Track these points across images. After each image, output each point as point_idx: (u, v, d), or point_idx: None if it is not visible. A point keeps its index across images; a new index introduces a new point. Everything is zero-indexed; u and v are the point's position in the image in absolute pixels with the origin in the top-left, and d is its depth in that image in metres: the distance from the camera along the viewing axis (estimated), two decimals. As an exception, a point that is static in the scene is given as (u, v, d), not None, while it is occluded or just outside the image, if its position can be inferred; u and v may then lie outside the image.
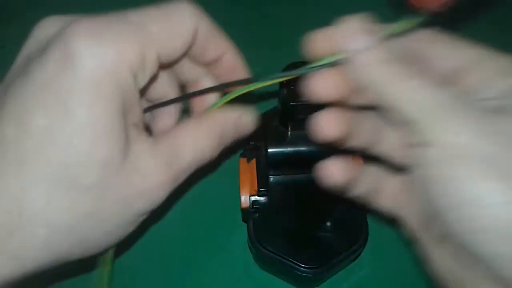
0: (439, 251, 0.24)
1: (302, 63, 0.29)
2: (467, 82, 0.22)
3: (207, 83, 0.29)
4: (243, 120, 0.29)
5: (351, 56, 0.22)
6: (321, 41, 0.23)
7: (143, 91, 0.26)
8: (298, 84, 0.30)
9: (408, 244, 0.36)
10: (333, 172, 0.25)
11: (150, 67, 0.23)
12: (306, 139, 0.33)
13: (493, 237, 0.19)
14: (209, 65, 0.28)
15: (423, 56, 0.24)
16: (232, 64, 0.28)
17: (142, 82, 0.24)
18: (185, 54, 0.26)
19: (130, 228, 0.25)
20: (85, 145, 0.21)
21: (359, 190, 0.27)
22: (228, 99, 0.27)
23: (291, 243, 0.33)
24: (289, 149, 0.33)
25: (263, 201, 0.34)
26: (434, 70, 0.23)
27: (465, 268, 0.22)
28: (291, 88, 0.31)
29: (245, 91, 0.26)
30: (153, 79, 0.25)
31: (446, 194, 0.20)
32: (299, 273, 0.33)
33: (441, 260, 0.24)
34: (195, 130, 0.26)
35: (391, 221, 0.28)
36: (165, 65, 0.25)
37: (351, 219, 0.34)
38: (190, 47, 0.25)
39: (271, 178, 0.35)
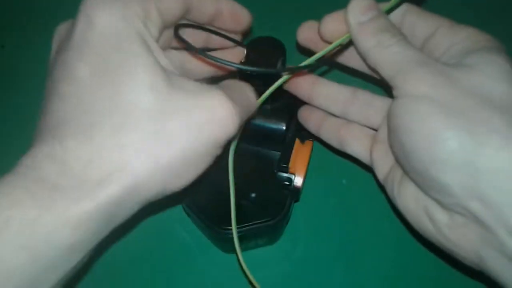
0: (403, 188, 0.29)
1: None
2: (433, 46, 0.29)
3: None
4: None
5: (354, 28, 0.29)
6: (332, 22, 0.31)
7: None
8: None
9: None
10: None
11: (155, 19, 0.26)
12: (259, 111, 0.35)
13: (449, 167, 0.24)
14: (212, 20, 0.31)
15: (408, 26, 0.30)
16: (232, 12, 0.31)
17: (154, 32, 0.26)
18: (185, 16, 0.29)
19: (203, 161, 0.26)
20: (126, 74, 0.24)
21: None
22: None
23: (215, 204, 0.34)
24: None
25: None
26: (416, 36, 0.30)
27: (423, 200, 0.28)
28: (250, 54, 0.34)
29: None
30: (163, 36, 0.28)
31: (411, 134, 0.26)
32: (211, 232, 0.34)
33: (405, 196, 0.29)
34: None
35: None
36: (168, 24, 0.28)
37: (276, 197, 0.36)
38: (188, 11, 0.29)
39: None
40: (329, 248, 0.40)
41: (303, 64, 0.31)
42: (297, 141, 0.37)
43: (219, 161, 0.35)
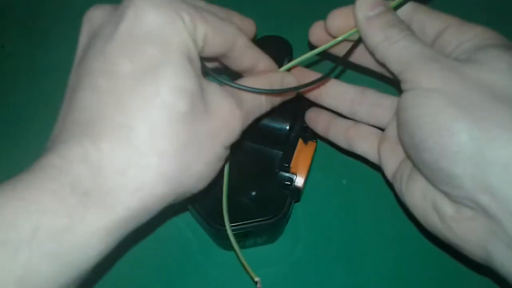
0: (411, 184, 0.29)
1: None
2: (443, 44, 0.29)
3: None
4: (287, 80, 0.32)
5: (362, 23, 0.29)
6: (339, 17, 0.31)
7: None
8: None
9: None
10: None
11: (199, 39, 0.26)
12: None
13: (459, 159, 0.24)
14: (244, 71, 0.31)
15: (417, 24, 0.31)
16: (266, 69, 0.31)
17: (196, 47, 0.26)
18: (221, 57, 0.29)
19: (220, 163, 0.27)
20: (169, 76, 0.24)
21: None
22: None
23: (215, 201, 0.34)
24: None
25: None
26: (425, 34, 0.30)
27: (431, 194, 0.28)
28: None
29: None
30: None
31: (422, 126, 0.26)
32: (207, 227, 0.35)
33: (413, 191, 0.29)
34: (249, 82, 0.29)
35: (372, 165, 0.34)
36: (202, 53, 0.27)
37: (276, 196, 0.36)
38: (229, 53, 0.28)
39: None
40: (329, 248, 0.40)
41: (304, 56, 0.32)
42: (300, 141, 0.37)
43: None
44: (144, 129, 0.23)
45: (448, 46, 0.29)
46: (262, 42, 0.34)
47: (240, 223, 0.34)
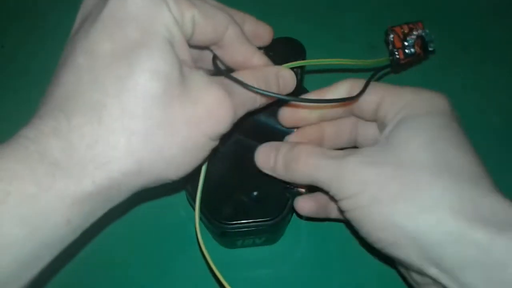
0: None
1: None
2: (382, 114, 0.30)
3: None
4: (283, 73, 0.32)
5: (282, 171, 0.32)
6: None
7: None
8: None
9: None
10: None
11: (188, 23, 0.26)
12: (272, 111, 0.35)
13: (402, 247, 0.27)
14: (237, 66, 0.31)
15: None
16: (261, 66, 0.31)
17: (184, 32, 0.27)
18: (214, 46, 0.29)
19: (201, 153, 0.27)
20: (145, 59, 0.24)
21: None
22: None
23: (215, 198, 0.35)
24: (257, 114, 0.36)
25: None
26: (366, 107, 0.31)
27: None
28: (269, 54, 0.34)
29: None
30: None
31: (365, 228, 0.28)
32: (208, 224, 0.35)
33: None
34: (242, 74, 0.29)
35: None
36: (191, 40, 0.28)
37: (277, 199, 0.36)
38: (220, 42, 0.29)
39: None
40: (330, 250, 0.40)
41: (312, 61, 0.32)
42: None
43: (222, 157, 0.37)
44: (115, 108, 0.24)
45: (386, 118, 0.30)
46: (275, 43, 0.35)
47: (239, 221, 0.34)
